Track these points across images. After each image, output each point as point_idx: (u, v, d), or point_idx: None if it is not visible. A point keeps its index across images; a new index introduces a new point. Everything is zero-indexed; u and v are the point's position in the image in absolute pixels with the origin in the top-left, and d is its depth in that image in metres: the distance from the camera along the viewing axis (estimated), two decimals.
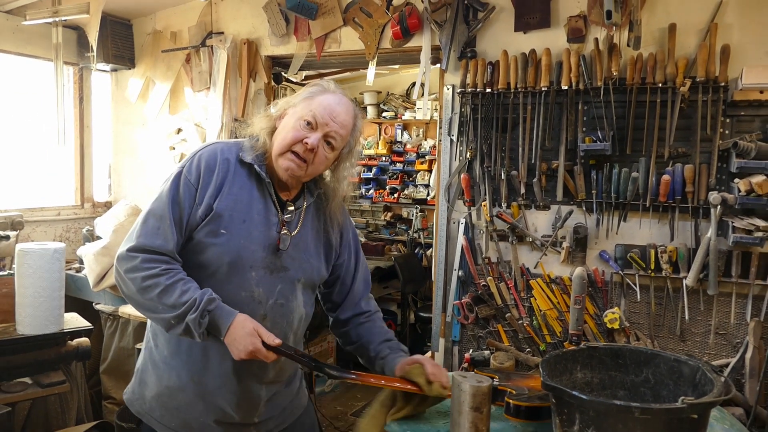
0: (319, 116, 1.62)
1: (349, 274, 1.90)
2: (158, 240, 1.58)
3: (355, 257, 1.92)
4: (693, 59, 2.63)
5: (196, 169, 1.64)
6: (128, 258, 1.58)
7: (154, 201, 1.63)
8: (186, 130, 4.07)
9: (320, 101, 1.65)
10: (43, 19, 3.43)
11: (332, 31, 3.46)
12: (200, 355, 1.67)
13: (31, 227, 3.95)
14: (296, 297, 1.75)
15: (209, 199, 1.62)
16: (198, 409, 1.69)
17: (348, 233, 1.89)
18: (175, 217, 1.60)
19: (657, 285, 2.75)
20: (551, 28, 2.91)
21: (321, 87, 1.69)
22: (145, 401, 1.74)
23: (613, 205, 2.79)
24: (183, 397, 1.69)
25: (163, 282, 1.54)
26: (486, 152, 3.01)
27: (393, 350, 1.80)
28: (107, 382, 3.70)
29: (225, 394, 1.68)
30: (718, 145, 2.60)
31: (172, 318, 1.54)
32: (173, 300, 1.54)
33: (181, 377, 1.68)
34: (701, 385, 1.46)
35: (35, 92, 4.04)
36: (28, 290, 2.68)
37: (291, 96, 1.73)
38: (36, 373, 2.80)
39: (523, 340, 3.01)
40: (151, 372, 1.74)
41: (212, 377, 1.67)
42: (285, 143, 1.63)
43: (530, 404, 1.64)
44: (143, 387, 1.75)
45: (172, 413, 1.70)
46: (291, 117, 1.66)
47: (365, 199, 6.92)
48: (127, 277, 1.58)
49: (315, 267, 1.79)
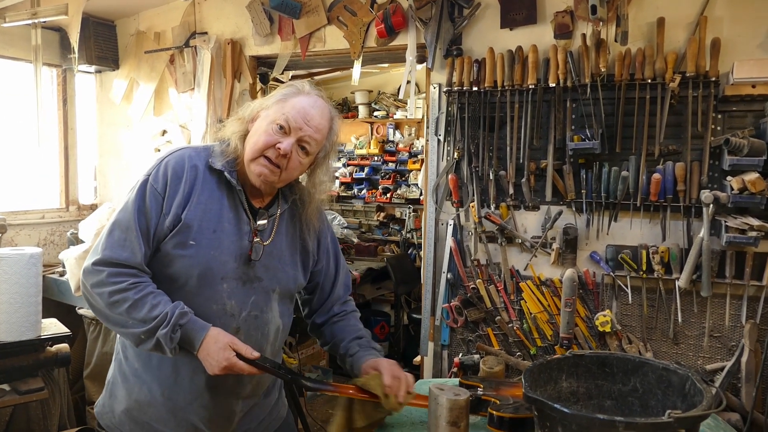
0: (293, 120, 1.55)
1: (329, 279, 1.86)
2: (125, 252, 1.52)
3: (335, 262, 1.87)
4: (682, 54, 2.57)
5: (163, 176, 1.57)
6: (94, 272, 1.52)
7: (119, 211, 1.57)
8: (171, 132, 4.01)
9: (293, 104, 1.58)
10: (22, 21, 3.35)
11: (316, 30, 3.39)
12: (171, 369, 1.60)
13: (15, 230, 3.89)
14: (272, 308, 1.69)
15: (177, 209, 1.55)
16: (169, 425, 1.63)
17: (326, 238, 1.84)
18: (141, 228, 1.54)
19: (649, 287, 2.69)
20: (538, 24, 2.84)
21: (295, 88, 1.62)
22: (115, 415, 1.68)
23: (603, 204, 2.73)
24: (153, 411, 1.63)
25: (131, 297, 1.49)
26: (473, 152, 2.95)
27: (362, 348, 1.75)
28: (91, 388, 3.64)
29: (197, 409, 1.62)
30: (709, 142, 2.54)
31: (142, 333, 1.49)
32: (143, 315, 1.48)
33: (151, 391, 1.62)
34: (691, 395, 1.40)
35: (19, 94, 3.98)
36: (3, 296, 2.61)
37: (264, 98, 1.66)
38: (13, 379, 2.74)
39: (513, 344, 2.95)
40: (121, 385, 1.68)
41: (183, 392, 1.61)
42: (257, 148, 1.56)
43: (514, 415, 1.58)
44: (113, 400, 1.69)
45: (143, 427, 1.64)
46: (263, 120, 1.59)
47: (358, 200, 6.86)
48: (95, 291, 1.52)
49: (291, 276, 1.72)
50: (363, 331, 1.83)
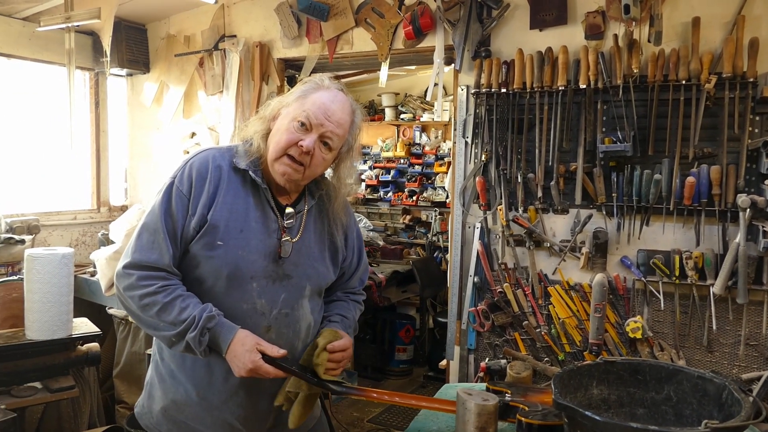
0: (313, 116, 1.54)
1: (348, 273, 1.87)
2: (153, 255, 1.54)
3: (358, 258, 1.87)
4: (719, 54, 2.50)
5: (188, 178, 1.58)
6: (125, 275, 1.56)
7: (147, 214, 1.59)
8: (200, 134, 4.05)
9: (314, 100, 1.56)
10: (57, 25, 3.42)
11: (344, 32, 3.40)
12: (205, 369, 1.62)
13: (48, 231, 3.96)
14: (302, 305, 1.68)
15: (203, 209, 1.56)
16: (205, 423, 1.65)
17: (352, 233, 1.83)
18: (168, 230, 1.55)
19: (682, 293, 2.62)
20: (568, 25, 2.80)
21: (314, 84, 1.61)
22: (153, 415, 1.71)
23: (634, 208, 2.67)
24: (189, 411, 1.65)
25: (160, 300, 1.52)
26: (501, 154, 2.92)
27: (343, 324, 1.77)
28: (120, 387, 3.69)
29: (232, 408, 1.63)
30: (746, 145, 2.47)
31: (173, 336, 1.52)
32: (172, 318, 1.51)
33: (187, 391, 1.64)
34: (728, 405, 1.35)
35: (52, 98, 4.07)
36: (36, 296, 2.66)
37: (284, 95, 1.65)
38: (45, 377, 2.79)
39: (540, 349, 2.91)
40: (158, 386, 1.71)
41: (218, 391, 1.63)
42: (279, 147, 1.55)
43: (543, 422, 1.54)
44: (151, 401, 1.72)
45: (180, 427, 1.67)
46: (284, 118, 1.58)
47: (383, 202, 6.84)
48: (126, 295, 1.56)
49: (321, 272, 1.73)
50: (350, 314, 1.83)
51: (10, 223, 3.59)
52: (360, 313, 1.89)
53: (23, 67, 3.90)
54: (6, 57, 3.77)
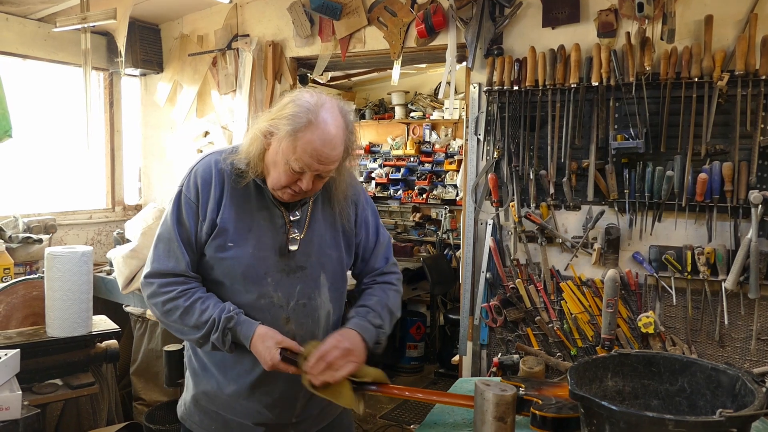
0: (306, 164, 1.52)
1: (367, 251, 1.84)
2: (170, 262, 1.62)
3: (375, 234, 1.85)
4: (731, 52, 2.52)
5: (194, 186, 1.64)
6: (146, 285, 1.65)
7: (161, 225, 1.67)
8: (213, 133, 4.09)
9: (305, 145, 1.50)
10: (72, 26, 3.47)
11: (357, 30, 3.43)
12: (234, 360, 1.68)
13: (64, 230, 4.02)
14: (320, 293, 1.72)
15: (212, 214, 1.62)
16: (235, 412, 1.71)
17: (365, 210, 1.83)
18: (182, 237, 1.63)
19: (694, 288, 2.64)
20: (581, 23, 2.82)
21: (305, 117, 1.50)
22: (186, 406, 1.79)
23: (646, 205, 2.69)
24: (220, 401, 1.72)
25: (182, 304, 1.60)
26: (514, 151, 2.94)
27: (357, 315, 1.72)
28: (137, 384, 3.73)
29: (260, 396, 1.69)
30: (758, 142, 2.48)
31: (199, 338, 1.60)
32: (194, 321, 1.59)
33: (218, 382, 1.71)
34: (741, 396, 1.37)
35: (68, 98, 4.12)
36: (56, 293, 2.70)
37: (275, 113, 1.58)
38: (66, 374, 2.83)
39: (553, 345, 2.93)
40: (191, 379, 1.79)
41: (245, 382, 1.68)
42: (279, 185, 1.58)
43: (557, 415, 1.57)
44: (186, 392, 1.81)
45: (211, 417, 1.74)
46: (279, 154, 1.54)
47: (393, 200, 6.87)
48: (151, 303, 1.65)
49: (335, 258, 1.75)
50: (374, 300, 1.77)
51: (28, 222, 3.64)
52: (395, 292, 1.83)
53: (39, 68, 3.96)
54: (22, 58, 3.82)
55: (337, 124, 1.55)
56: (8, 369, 2.20)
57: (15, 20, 3.69)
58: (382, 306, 1.75)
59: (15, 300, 2.96)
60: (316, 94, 1.58)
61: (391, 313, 1.77)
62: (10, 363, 2.23)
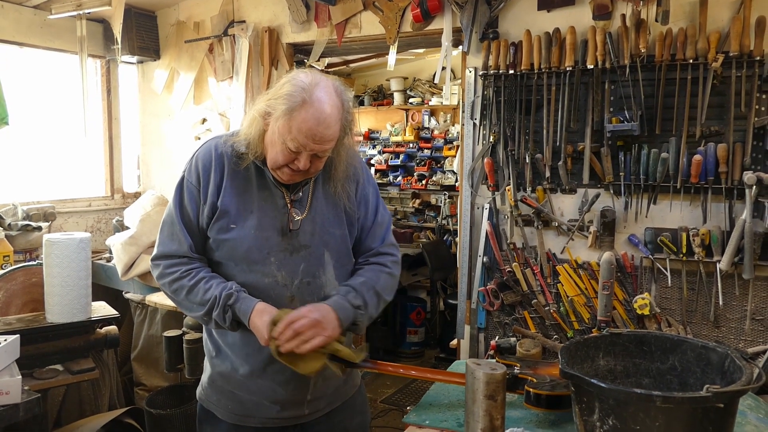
0: (302, 143, 1.53)
1: (365, 229, 1.83)
2: (173, 245, 1.69)
3: (375, 212, 1.84)
4: (726, 33, 2.51)
5: (195, 171, 1.69)
6: (154, 267, 1.73)
7: (166, 211, 1.74)
8: (210, 120, 4.09)
9: (300, 123, 1.52)
10: (68, 13, 3.47)
11: (352, 16, 3.42)
12: (244, 340, 1.72)
13: (63, 218, 4.03)
14: (326, 271, 1.73)
15: (212, 197, 1.67)
16: (250, 390, 1.75)
17: (366, 188, 1.82)
18: (184, 221, 1.69)
19: (689, 269, 2.66)
20: (576, 6, 2.81)
21: (300, 96, 1.52)
22: (204, 388, 1.85)
23: (642, 187, 2.70)
24: (235, 381, 1.76)
25: (186, 284, 1.66)
26: (509, 135, 2.94)
27: (338, 294, 1.70)
28: (138, 369, 3.77)
29: (271, 374, 1.73)
30: (753, 123, 2.48)
31: (203, 315, 1.65)
32: (199, 299, 1.64)
33: (232, 363, 1.75)
34: (730, 372, 1.39)
35: (65, 86, 4.11)
36: (55, 279, 2.72)
37: (272, 93, 1.60)
38: (66, 360, 2.85)
39: (550, 327, 2.95)
40: (207, 361, 1.85)
41: (256, 361, 1.72)
42: (277, 165, 1.60)
43: (550, 393, 1.60)
44: (204, 374, 1.87)
45: (228, 396, 1.78)
46: (276, 133, 1.56)
47: (393, 186, 6.87)
48: (160, 283, 1.72)
49: (338, 235, 1.75)
50: (361, 279, 1.75)
51: (27, 210, 3.66)
52: (387, 274, 1.79)
53: (36, 56, 3.95)
54: (18, 45, 3.81)
55: (333, 103, 1.56)
56: (8, 354, 2.22)
57: (11, 8, 3.68)
58: (368, 288, 1.72)
59: (14, 287, 2.98)
60: (311, 73, 1.59)
61: (378, 296, 1.74)
62: (10, 348, 2.24)
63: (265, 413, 1.75)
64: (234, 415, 1.77)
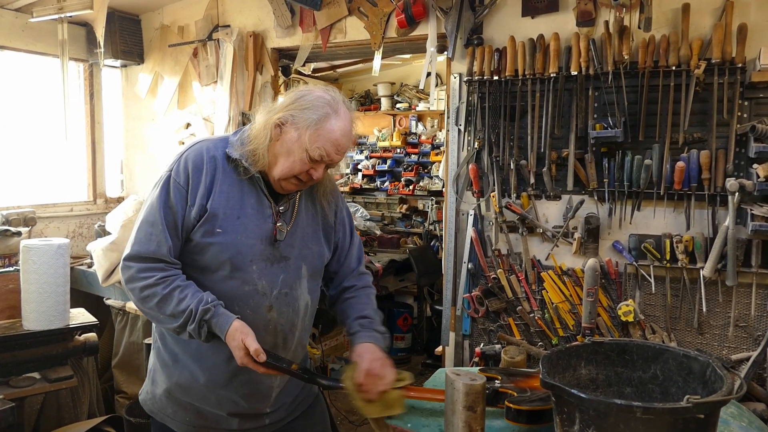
0: (327, 154, 1.61)
1: (343, 251, 1.91)
2: (151, 246, 1.60)
3: (350, 234, 1.92)
4: (708, 40, 2.52)
5: (184, 170, 1.64)
6: (125, 268, 1.63)
7: (145, 209, 1.65)
8: (195, 125, 4.06)
9: (328, 134, 1.59)
10: (49, 16, 3.43)
11: (337, 21, 3.40)
12: (209, 351, 1.68)
13: (44, 223, 3.97)
14: (301, 284, 1.75)
15: (201, 200, 1.62)
16: (210, 403, 1.72)
17: (342, 211, 1.89)
18: (168, 222, 1.61)
19: (673, 276, 2.66)
20: (560, 12, 2.81)
21: (328, 107, 1.61)
22: (156, 399, 1.79)
23: (625, 193, 2.69)
24: (195, 392, 1.72)
25: (160, 292, 1.58)
26: (494, 141, 2.93)
27: (363, 328, 1.78)
28: (119, 377, 3.72)
29: (236, 386, 1.70)
30: (735, 130, 2.49)
31: (176, 327, 1.59)
32: (171, 310, 1.57)
33: (192, 374, 1.71)
34: (711, 382, 1.38)
35: (47, 89, 4.06)
36: (32, 286, 2.68)
37: (289, 104, 1.63)
38: (44, 368, 2.81)
39: (534, 334, 2.94)
40: (161, 371, 1.77)
41: (222, 372, 1.69)
42: (291, 174, 1.62)
43: (531, 408, 1.57)
44: (155, 386, 1.80)
45: (185, 408, 1.74)
46: (296, 143, 1.59)
47: (380, 192, 6.86)
48: (128, 287, 1.63)
49: (316, 252, 1.79)
50: (370, 309, 1.85)
51: (6, 215, 3.60)
52: (374, 294, 1.93)
53: (17, 59, 3.90)
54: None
55: (351, 118, 1.66)
56: None
57: None
58: (376, 312, 1.85)
59: None
60: (326, 88, 1.67)
61: (381, 316, 1.87)
62: None
63: (225, 425, 1.73)
64: (192, 428, 1.74)
